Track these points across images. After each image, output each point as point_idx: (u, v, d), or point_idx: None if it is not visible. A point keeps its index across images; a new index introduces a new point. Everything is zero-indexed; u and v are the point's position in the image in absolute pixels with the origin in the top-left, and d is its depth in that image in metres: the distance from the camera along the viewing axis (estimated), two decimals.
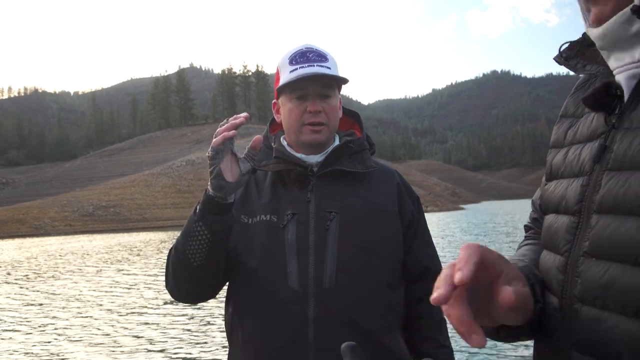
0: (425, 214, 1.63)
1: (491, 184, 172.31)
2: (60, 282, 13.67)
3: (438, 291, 0.55)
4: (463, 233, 27.26)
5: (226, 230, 1.31)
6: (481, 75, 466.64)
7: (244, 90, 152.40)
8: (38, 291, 12.27)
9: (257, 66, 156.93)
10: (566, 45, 0.72)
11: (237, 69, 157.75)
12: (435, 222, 38.28)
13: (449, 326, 0.79)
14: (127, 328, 7.91)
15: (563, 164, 0.74)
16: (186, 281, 1.39)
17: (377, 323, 1.35)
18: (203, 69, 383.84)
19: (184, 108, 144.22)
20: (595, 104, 0.68)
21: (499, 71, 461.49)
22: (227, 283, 1.45)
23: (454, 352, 1.49)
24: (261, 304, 1.36)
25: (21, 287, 13.09)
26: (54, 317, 8.80)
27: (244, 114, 1.26)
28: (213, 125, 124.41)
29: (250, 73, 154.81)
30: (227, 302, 1.46)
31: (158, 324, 8.17)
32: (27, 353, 6.73)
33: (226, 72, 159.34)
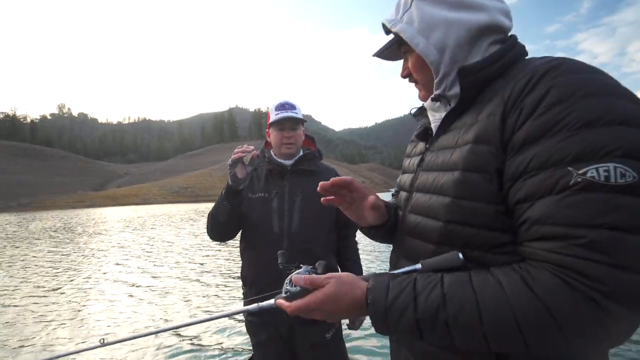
0: None
1: None
2: (157, 231, 13.37)
3: (324, 184, 0.69)
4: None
5: (238, 204, 1.35)
6: (403, 115, 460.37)
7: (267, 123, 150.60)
8: (144, 236, 12.00)
9: None
10: (415, 109, 0.79)
11: (264, 109, 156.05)
12: None
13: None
14: (193, 259, 7.75)
15: (408, 166, 0.78)
16: (217, 230, 1.42)
17: (321, 250, 1.38)
18: (243, 108, 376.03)
19: (232, 132, 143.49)
20: (421, 138, 0.74)
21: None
22: (240, 231, 1.48)
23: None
24: (258, 239, 1.39)
25: (136, 234, 12.79)
26: (154, 258, 8.54)
27: (252, 148, 1.28)
28: (249, 141, 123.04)
29: None
30: (240, 240, 1.48)
31: (207, 255, 8.04)
32: (136, 269, 6.56)
33: (257, 110, 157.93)
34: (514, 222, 0.48)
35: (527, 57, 0.57)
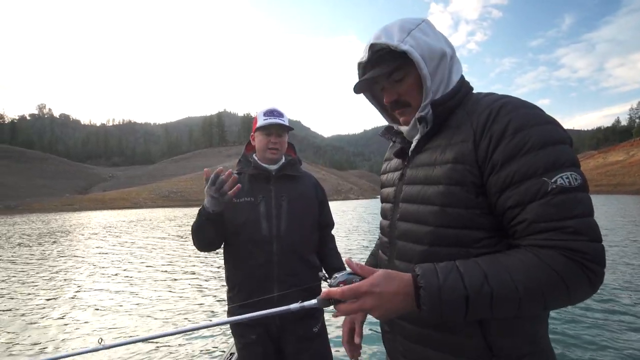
0: (356, 200, 1.98)
1: None
2: (147, 233, 13.69)
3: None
4: (375, 208, 28.05)
5: (221, 223, 1.29)
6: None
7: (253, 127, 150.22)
8: (138, 237, 12.47)
9: None
10: (384, 128, 0.86)
11: (253, 114, 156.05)
12: (360, 204, 39.76)
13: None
14: (175, 265, 7.57)
15: (387, 180, 0.87)
16: (200, 242, 1.35)
17: (306, 250, 1.41)
18: (232, 113, 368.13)
19: (221, 136, 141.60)
20: (399, 155, 0.82)
21: None
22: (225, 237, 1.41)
23: None
24: (246, 243, 1.35)
25: (124, 237, 13.13)
26: (139, 256, 8.57)
27: (229, 172, 1.18)
28: (238, 146, 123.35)
29: None
30: (225, 244, 1.43)
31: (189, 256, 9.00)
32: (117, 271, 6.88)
33: (245, 115, 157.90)
34: (504, 224, 0.62)
35: (473, 92, 0.73)
